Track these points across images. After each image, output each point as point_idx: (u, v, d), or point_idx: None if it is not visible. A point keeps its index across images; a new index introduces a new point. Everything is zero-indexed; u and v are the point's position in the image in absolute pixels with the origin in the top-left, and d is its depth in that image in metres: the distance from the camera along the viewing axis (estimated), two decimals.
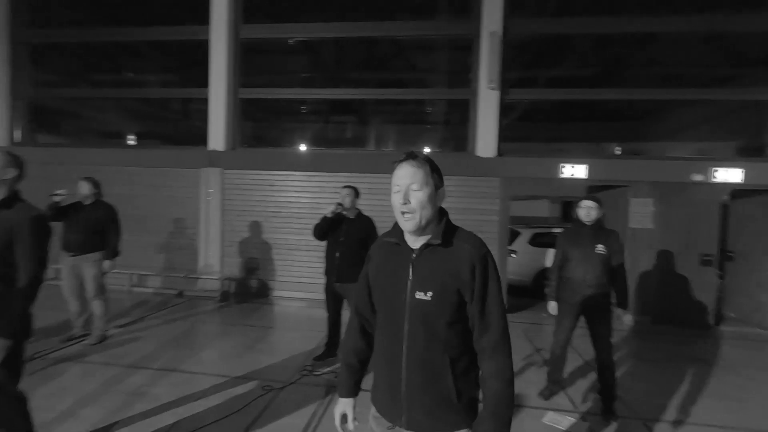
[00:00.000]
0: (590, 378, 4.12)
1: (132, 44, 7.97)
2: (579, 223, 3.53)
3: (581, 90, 7.00)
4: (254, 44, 7.42)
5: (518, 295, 7.64)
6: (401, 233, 1.45)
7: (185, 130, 9.07)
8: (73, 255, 4.42)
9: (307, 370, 4.04)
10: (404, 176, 1.39)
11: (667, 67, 7.88)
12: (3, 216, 2.16)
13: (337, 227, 4.01)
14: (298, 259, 6.95)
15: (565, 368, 3.98)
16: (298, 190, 6.94)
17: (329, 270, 4.09)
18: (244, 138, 7.58)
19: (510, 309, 6.66)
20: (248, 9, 7.16)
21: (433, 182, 1.39)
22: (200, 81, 7.15)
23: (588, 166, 6.35)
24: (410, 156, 1.41)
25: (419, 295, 1.34)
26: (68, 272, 4.47)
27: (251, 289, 7.07)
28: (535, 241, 8.60)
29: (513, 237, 8.52)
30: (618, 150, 8.78)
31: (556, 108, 8.41)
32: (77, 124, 9.21)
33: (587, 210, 3.44)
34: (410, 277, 1.37)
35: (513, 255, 8.30)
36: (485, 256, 1.34)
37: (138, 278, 7.20)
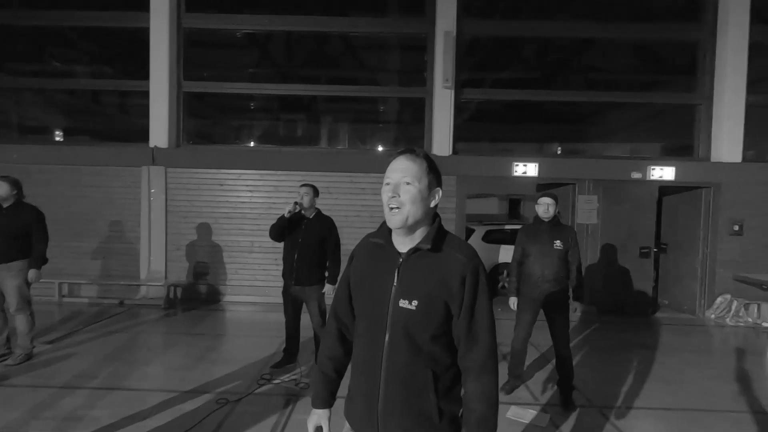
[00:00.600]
0: (547, 370, 4.25)
1: (59, 30, 7.22)
2: (537, 220, 3.62)
3: (533, 91, 7.30)
4: (200, 35, 7.00)
5: None
6: (388, 234, 1.32)
7: (123, 126, 8.38)
8: None
9: (265, 379, 3.83)
10: (397, 170, 1.26)
11: (604, 73, 8.45)
12: None
13: (296, 228, 3.84)
14: (252, 262, 6.64)
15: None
16: (251, 190, 6.63)
17: (287, 272, 3.91)
18: (189, 135, 7.13)
19: None
20: None
21: (428, 180, 1.27)
22: (140, 73, 6.63)
23: (538, 165, 6.59)
24: (408, 150, 1.30)
25: (403, 304, 1.24)
26: None
27: (200, 295, 6.67)
28: (488, 238, 8.81)
29: (468, 234, 8.69)
30: (559, 150, 9.26)
31: (504, 109, 8.71)
32: None
33: (546, 206, 3.53)
34: (395, 284, 1.26)
35: None
36: (477, 268, 1.25)
37: (69, 288, 6.55)
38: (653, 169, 6.53)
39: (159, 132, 6.58)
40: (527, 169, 6.56)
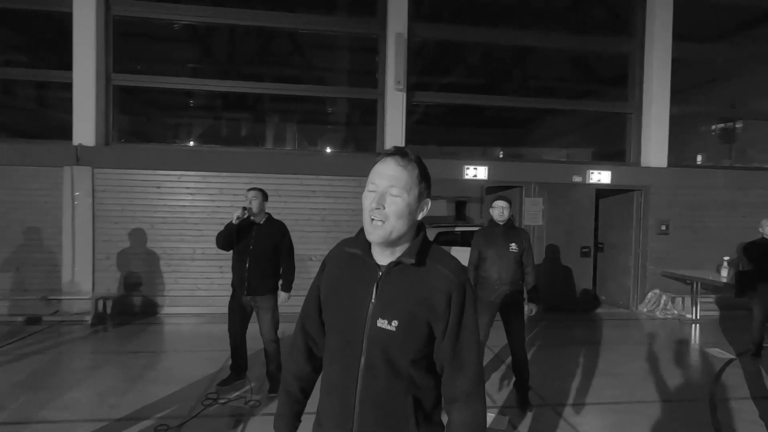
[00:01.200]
0: (501, 371, 4.30)
1: None
2: (492, 223, 3.64)
3: (477, 96, 7.48)
4: (133, 25, 6.44)
5: None
6: (367, 244, 1.17)
7: (41, 122, 7.50)
8: None
9: (211, 399, 3.52)
10: (385, 176, 1.11)
11: (543, 81, 8.93)
12: None
13: (245, 234, 3.58)
14: (193, 270, 6.18)
15: None
16: (192, 193, 6.17)
17: (237, 282, 3.63)
18: (121, 133, 6.53)
19: None
20: None
21: (418, 191, 1.13)
22: (62, 62, 5.96)
23: (488, 168, 6.74)
24: (399, 152, 1.13)
25: (381, 324, 1.10)
26: None
27: (134, 308, 6.10)
28: (439, 240, 8.90)
29: None
30: (501, 154, 9.64)
31: (450, 113, 8.89)
32: None
33: (500, 210, 3.55)
34: (373, 300, 1.12)
35: None
36: (464, 284, 1.13)
37: None
38: (592, 173, 6.92)
39: (84, 129, 5.94)
40: (477, 172, 6.69)
